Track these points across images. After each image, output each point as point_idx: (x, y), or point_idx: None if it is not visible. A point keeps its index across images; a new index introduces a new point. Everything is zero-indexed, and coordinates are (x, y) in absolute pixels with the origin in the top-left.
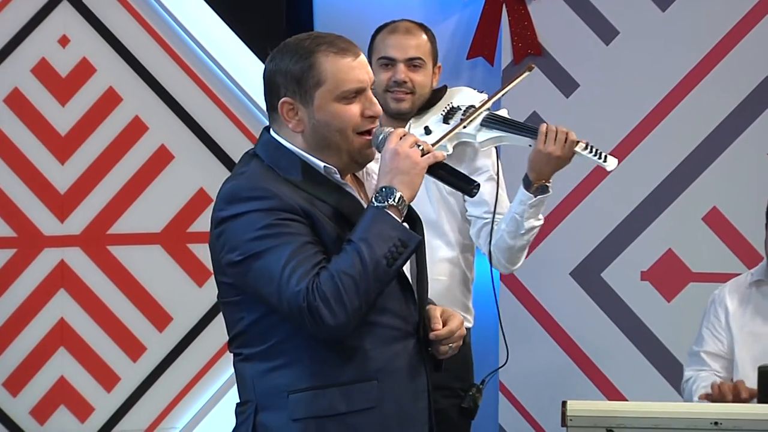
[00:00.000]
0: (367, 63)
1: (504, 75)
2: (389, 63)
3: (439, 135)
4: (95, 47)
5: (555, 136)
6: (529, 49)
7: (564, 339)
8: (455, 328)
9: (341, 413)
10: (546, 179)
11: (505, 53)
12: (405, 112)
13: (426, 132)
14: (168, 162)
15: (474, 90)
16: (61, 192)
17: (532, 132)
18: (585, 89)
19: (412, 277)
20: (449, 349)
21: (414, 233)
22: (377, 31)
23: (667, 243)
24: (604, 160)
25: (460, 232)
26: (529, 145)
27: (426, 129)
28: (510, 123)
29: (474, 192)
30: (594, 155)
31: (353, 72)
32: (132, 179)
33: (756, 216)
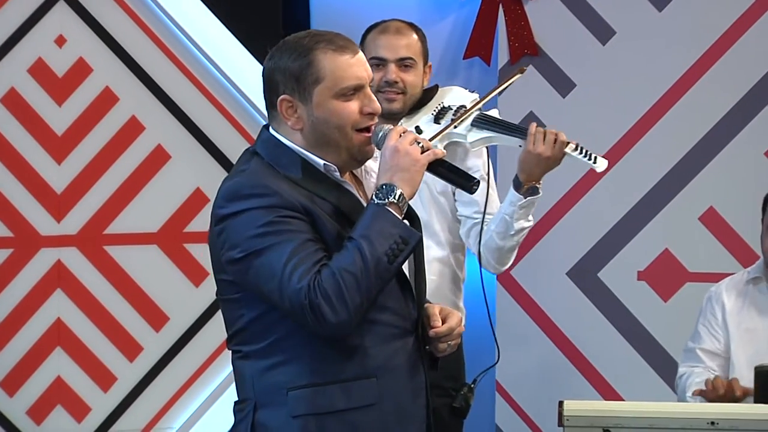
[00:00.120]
0: (366, 61)
1: (500, 75)
2: (380, 63)
3: (430, 135)
4: (92, 47)
5: (544, 136)
6: (526, 49)
7: (561, 339)
8: (454, 325)
9: (341, 410)
10: (536, 180)
11: (502, 53)
12: (396, 112)
13: (417, 132)
14: (165, 162)
15: (465, 90)
16: (58, 192)
17: (522, 133)
18: (581, 89)
19: (410, 275)
20: (448, 347)
21: (414, 230)
22: (368, 31)
23: (664, 243)
24: (594, 161)
25: (450, 231)
26: (519, 146)
27: (417, 129)
28: (500, 123)
29: (474, 189)
30: (584, 156)
31: (351, 69)
32: (128, 179)
33: (753, 216)
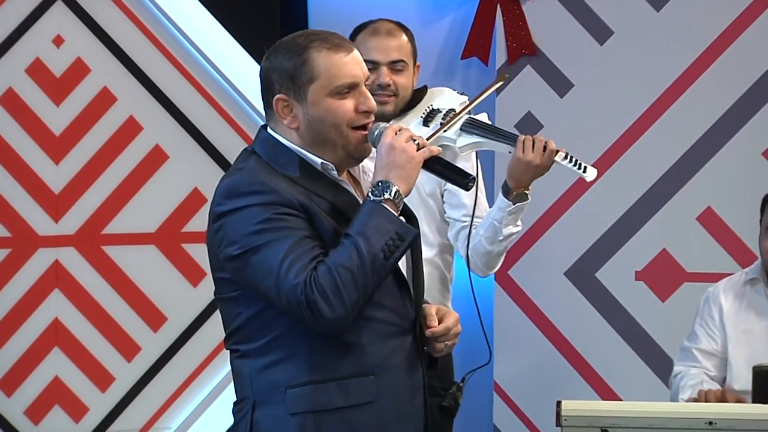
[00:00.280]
0: (361, 59)
1: (498, 75)
2: (372, 66)
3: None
4: (90, 47)
5: (533, 144)
6: (524, 49)
7: (559, 339)
8: (451, 325)
9: (339, 408)
10: (525, 187)
11: (500, 53)
12: (389, 115)
13: None
14: (162, 162)
15: (454, 91)
16: (56, 192)
17: (511, 139)
18: (579, 89)
19: (408, 274)
20: (445, 347)
21: (410, 227)
22: (356, 32)
23: (662, 243)
24: (583, 170)
25: (439, 232)
26: (509, 152)
27: None
28: (490, 129)
29: (470, 185)
30: (573, 165)
31: (346, 67)
32: (126, 179)
33: (750, 216)
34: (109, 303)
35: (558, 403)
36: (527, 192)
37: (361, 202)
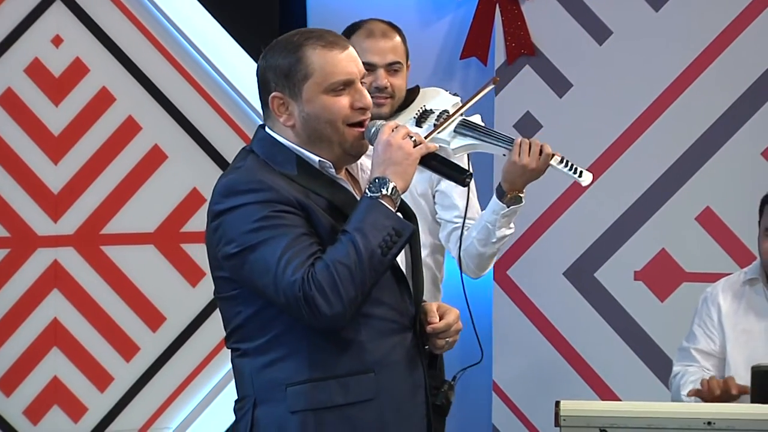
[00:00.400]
0: (357, 56)
1: (497, 75)
2: (369, 68)
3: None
4: (88, 47)
5: (529, 148)
6: (523, 49)
7: (557, 339)
8: (452, 321)
9: (339, 405)
10: (519, 190)
11: (499, 53)
12: (384, 116)
13: None
14: (161, 162)
15: (446, 92)
16: (55, 192)
17: (506, 142)
18: (578, 89)
19: (407, 271)
20: (446, 344)
21: (408, 222)
22: (350, 32)
23: (661, 243)
24: (579, 175)
25: (430, 233)
26: (504, 155)
27: None
28: (484, 131)
29: (467, 181)
30: (569, 169)
31: (341, 64)
32: (125, 179)
33: (749, 216)
34: (108, 303)
35: (557, 403)
36: (521, 195)
37: (359, 199)
